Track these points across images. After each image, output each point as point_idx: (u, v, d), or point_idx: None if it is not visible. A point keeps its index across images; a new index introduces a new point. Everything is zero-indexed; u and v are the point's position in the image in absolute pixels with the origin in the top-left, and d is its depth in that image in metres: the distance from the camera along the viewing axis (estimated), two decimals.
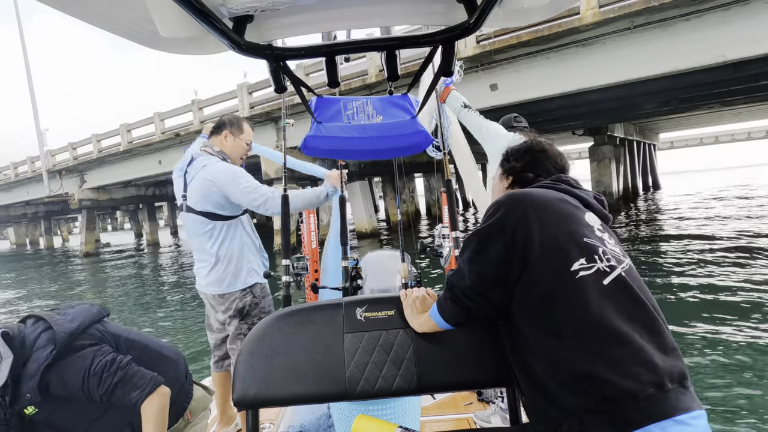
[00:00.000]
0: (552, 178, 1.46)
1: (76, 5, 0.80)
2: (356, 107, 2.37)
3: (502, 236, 1.23)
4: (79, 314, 1.94)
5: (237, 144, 2.76)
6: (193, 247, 2.74)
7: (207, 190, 2.55)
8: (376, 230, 22.65)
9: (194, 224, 2.63)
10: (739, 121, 42.01)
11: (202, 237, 2.62)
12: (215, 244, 2.61)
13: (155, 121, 22.68)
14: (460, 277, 1.29)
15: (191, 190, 2.61)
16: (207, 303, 2.81)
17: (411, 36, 0.97)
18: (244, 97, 18.98)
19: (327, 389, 1.44)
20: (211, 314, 2.83)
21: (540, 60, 12.52)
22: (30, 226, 49.14)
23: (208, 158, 2.65)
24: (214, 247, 2.61)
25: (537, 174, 1.51)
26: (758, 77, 12.72)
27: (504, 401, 2.67)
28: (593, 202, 1.40)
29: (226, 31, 0.82)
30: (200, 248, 2.67)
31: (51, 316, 1.91)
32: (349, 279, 2.75)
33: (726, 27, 10.19)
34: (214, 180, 2.54)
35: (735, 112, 26.99)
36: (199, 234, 2.63)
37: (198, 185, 2.58)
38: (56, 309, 1.99)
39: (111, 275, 18.54)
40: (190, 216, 2.63)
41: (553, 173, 1.50)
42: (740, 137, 64.43)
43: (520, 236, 1.22)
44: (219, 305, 2.68)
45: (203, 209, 2.58)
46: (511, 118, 3.16)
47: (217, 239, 2.61)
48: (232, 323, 2.65)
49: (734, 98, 18.71)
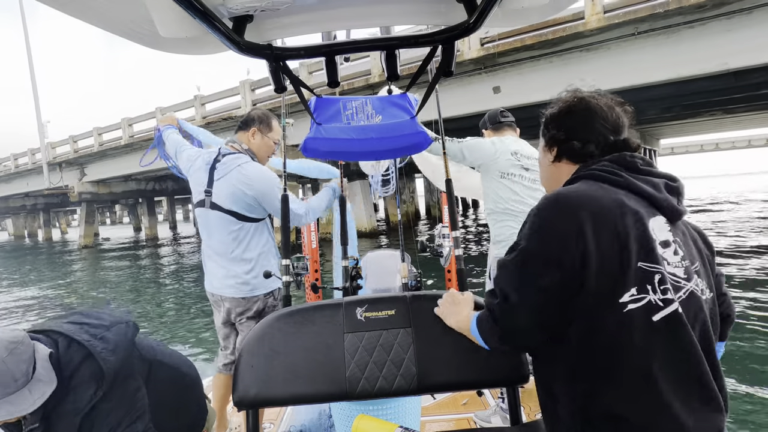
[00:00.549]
0: (612, 160, 1.18)
1: (77, 6, 0.80)
2: (355, 107, 2.37)
3: (555, 255, 1.05)
4: (120, 339, 1.63)
5: (265, 143, 2.66)
6: (210, 246, 2.60)
7: (240, 192, 2.47)
8: (375, 230, 22.67)
9: (220, 222, 2.52)
10: (740, 129, 42.02)
11: (228, 237, 2.52)
12: (241, 245, 2.53)
13: (157, 115, 22.67)
14: (505, 309, 1.12)
15: (219, 186, 2.51)
16: (218, 306, 2.67)
17: (411, 36, 0.98)
18: (246, 94, 18.98)
19: (327, 389, 1.44)
20: (220, 316, 2.69)
21: (543, 64, 12.55)
22: (29, 217, 49.14)
23: (239, 156, 2.55)
24: (238, 249, 2.53)
25: (586, 140, 1.23)
26: (759, 86, 12.76)
27: (504, 401, 2.67)
28: (662, 196, 1.14)
29: (226, 31, 0.82)
30: (221, 248, 2.55)
31: (87, 338, 1.57)
32: (349, 279, 2.74)
33: (729, 35, 10.22)
34: (251, 183, 2.46)
35: (736, 120, 27.00)
36: (224, 233, 2.52)
37: (230, 184, 2.48)
38: (85, 320, 1.65)
39: (111, 266, 18.54)
40: (214, 213, 2.52)
41: (606, 135, 1.23)
42: (741, 145, 64.45)
43: (577, 256, 1.03)
44: (237, 307, 2.57)
45: (231, 209, 2.49)
46: (498, 113, 3.12)
47: (243, 241, 2.53)
48: (248, 323, 2.58)
49: (736, 106, 18.74)
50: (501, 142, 2.92)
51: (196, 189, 2.62)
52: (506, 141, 2.93)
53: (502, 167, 2.84)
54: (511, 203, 2.81)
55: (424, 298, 1.54)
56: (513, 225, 2.79)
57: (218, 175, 2.53)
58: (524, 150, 2.91)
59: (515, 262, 1.11)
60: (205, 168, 2.58)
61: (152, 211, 36.00)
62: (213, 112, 20.84)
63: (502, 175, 2.84)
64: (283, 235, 2.52)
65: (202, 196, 2.56)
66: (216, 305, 2.70)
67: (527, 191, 2.81)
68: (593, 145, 1.23)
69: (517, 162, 2.84)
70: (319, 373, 1.44)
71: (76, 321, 1.64)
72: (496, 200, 2.88)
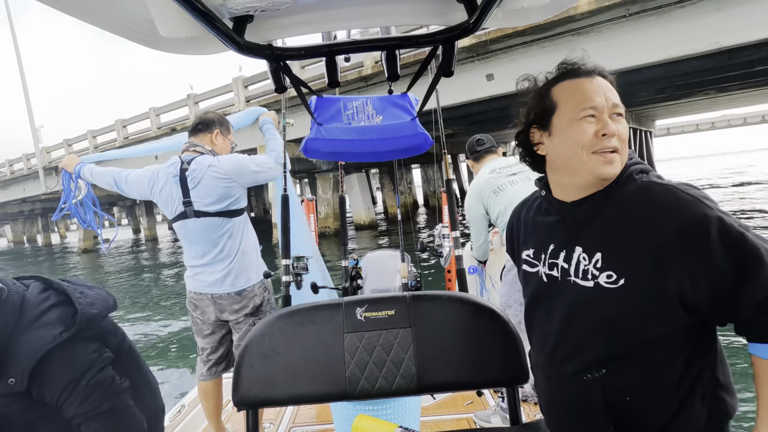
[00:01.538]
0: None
1: (76, 5, 0.79)
2: (356, 107, 2.37)
3: None
4: (99, 301, 1.60)
5: (225, 145, 2.64)
6: (197, 252, 2.54)
7: (218, 187, 2.44)
8: (374, 222, 22.68)
9: (208, 228, 2.48)
10: (735, 107, 41.97)
11: (220, 238, 2.49)
12: (236, 240, 2.51)
13: (151, 116, 22.61)
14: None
15: (199, 193, 2.45)
16: (205, 305, 2.58)
17: (411, 36, 0.97)
18: (240, 91, 18.90)
19: (327, 389, 1.44)
20: (205, 317, 2.61)
21: (535, 49, 12.51)
22: (27, 223, 48.94)
23: (204, 158, 2.48)
24: (235, 245, 2.51)
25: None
26: (753, 63, 12.73)
27: (504, 401, 2.66)
28: None
29: (226, 31, 0.82)
30: (211, 251, 2.50)
31: (70, 289, 1.54)
32: (348, 279, 2.75)
33: (720, 14, 10.18)
34: (228, 175, 2.43)
35: (731, 98, 26.97)
36: (215, 236, 2.49)
37: (211, 185, 2.44)
38: (68, 282, 1.62)
39: (111, 270, 18.54)
40: (200, 221, 2.47)
41: None
42: (736, 123, 64.42)
43: None
44: (233, 304, 2.53)
45: (220, 209, 2.47)
46: (474, 143, 3.08)
47: (237, 236, 2.52)
48: (246, 321, 2.55)
49: (730, 84, 18.71)
50: (475, 185, 2.91)
51: (169, 205, 2.53)
52: (481, 174, 2.92)
53: (491, 187, 2.82)
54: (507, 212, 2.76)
55: (424, 299, 1.53)
56: None
57: (192, 184, 2.46)
58: (502, 163, 2.89)
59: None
60: (173, 181, 2.49)
61: (151, 212, 35.90)
62: (207, 109, 20.75)
63: (495, 192, 2.82)
64: (282, 235, 2.52)
65: (182, 208, 2.48)
66: (200, 306, 2.60)
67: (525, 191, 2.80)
68: None
69: (500, 174, 2.83)
70: (319, 373, 1.43)
71: (65, 280, 1.62)
72: (500, 213, 2.84)
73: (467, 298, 1.52)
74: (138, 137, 23.53)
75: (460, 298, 1.52)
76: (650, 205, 1.02)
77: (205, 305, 2.59)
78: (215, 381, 2.67)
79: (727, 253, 0.93)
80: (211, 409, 2.66)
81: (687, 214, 0.97)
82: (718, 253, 0.93)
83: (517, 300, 2.68)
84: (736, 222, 0.95)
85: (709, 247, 0.93)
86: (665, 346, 1.02)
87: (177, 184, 2.48)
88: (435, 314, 1.49)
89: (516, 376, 1.46)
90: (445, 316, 1.50)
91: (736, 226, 0.94)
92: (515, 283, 2.69)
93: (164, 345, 7.73)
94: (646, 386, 1.05)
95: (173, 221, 2.55)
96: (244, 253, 2.54)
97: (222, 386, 2.66)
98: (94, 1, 0.80)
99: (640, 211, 1.02)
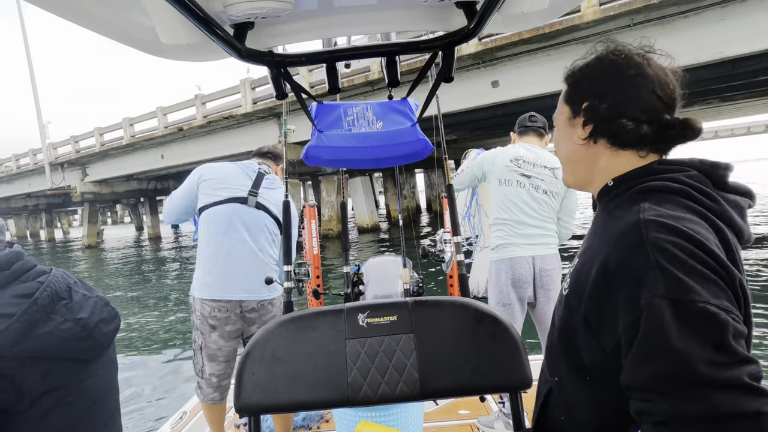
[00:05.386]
0: (703, 171, 0.87)
1: (78, 12, 0.81)
2: (356, 113, 2.38)
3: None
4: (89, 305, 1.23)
5: (280, 178, 2.79)
6: (244, 249, 2.47)
7: (277, 212, 2.59)
8: (377, 225, 22.72)
9: (267, 223, 2.56)
10: (739, 116, 41.80)
11: (269, 237, 2.57)
12: (271, 247, 2.59)
13: (158, 115, 22.67)
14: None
15: (268, 194, 2.58)
16: (229, 322, 2.44)
17: (411, 42, 1.01)
18: (247, 93, 18.96)
19: (329, 395, 1.42)
20: (221, 342, 2.46)
21: (540, 57, 12.57)
22: (30, 218, 49.15)
23: (278, 180, 2.68)
24: (271, 250, 2.58)
25: (637, 118, 0.90)
26: (756, 73, 12.72)
27: (505, 406, 2.68)
28: (748, 230, 0.87)
29: (227, 38, 0.84)
30: (259, 248, 2.52)
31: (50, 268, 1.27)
32: (350, 285, 2.75)
33: (724, 24, 10.22)
34: (288, 220, 2.55)
35: (734, 108, 26.84)
36: (269, 233, 2.56)
37: (277, 200, 2.59)
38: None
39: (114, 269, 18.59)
40: (260, 213, 2.54)
41: (659, 112, 0.91)
42: (740, 132, 64.05)
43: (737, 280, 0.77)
44: (266, 315, 2.53)
45: (277, 216, 2.59)
46: (527, 117, 2.98)
47: (273, 243, 2.61)
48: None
49: (733, 94, 18.67)
50: (506, 150, 2.87)
51: (231, 187, 2.51)
52: (514, 147, 2.87)
53: (499, 173, 2.81)
54: (504, 211, 2.80)
55: (426, 304, 1.51)
56: (501, 235, 2.79)
57: (266, 185, 2.59)
58: (529, 156, 2.81)
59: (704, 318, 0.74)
60: (247, 173, 2.59)
61: (154, 210, 35.95)
62: (214, 110, 20.84)
63: (500, 182, 2.81)
64: (284, 242, 2.55)
65: (244, 194, 2.51)
66: (219, 327, 2.44)
67: (525, 199, 2.77)
68: (645, 128, 0.91)
69: (516, 168, 2.78)
70: (321, 380, 1.42)
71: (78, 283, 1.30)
72: (494, 207, 2.87)
73: (469, 303, 1.51)
74: (145, 136, 23.62)
75: (462, 304, 1.51)
76: (610, 229, 0.89)
77: (230, 322, 2.44)
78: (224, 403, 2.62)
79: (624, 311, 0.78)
80: (215, 419, 2.64)
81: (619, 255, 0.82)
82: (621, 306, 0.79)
83: (500, 301, 2.74)
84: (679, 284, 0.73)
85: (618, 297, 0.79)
86: (598, 375, 0.89)
87: (249, 178, 2.57)
88: (437, 320, 1.48)
89: (519, 382, 1.44)
90: (447, 321, 1.49)
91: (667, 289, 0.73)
92: (499, 285, 2.77)
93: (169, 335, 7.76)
94: (578, 413, 0.97)
95: (231, 201, 2.48)
96: (275, 261, 2.61)
97: (226, 398, 2.64)
98: (95, 9, 0.81)
99: (603, 231, 0.93)
